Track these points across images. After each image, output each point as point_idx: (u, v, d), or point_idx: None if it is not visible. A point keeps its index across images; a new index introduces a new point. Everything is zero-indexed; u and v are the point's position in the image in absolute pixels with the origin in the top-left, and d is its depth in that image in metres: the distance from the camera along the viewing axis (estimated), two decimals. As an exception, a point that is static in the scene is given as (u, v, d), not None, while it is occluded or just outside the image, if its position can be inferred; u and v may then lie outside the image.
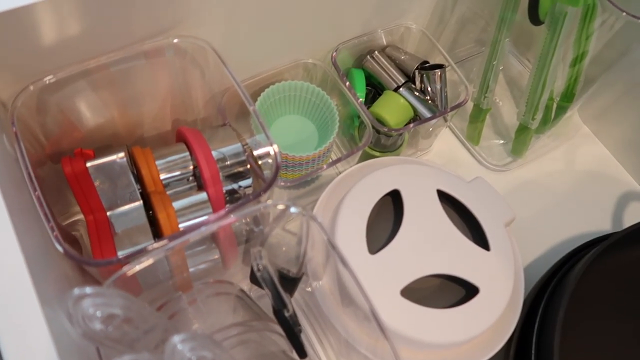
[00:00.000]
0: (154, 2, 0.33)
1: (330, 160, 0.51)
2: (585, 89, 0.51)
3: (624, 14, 0.37)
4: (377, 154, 0.49)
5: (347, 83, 0.46)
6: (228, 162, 0.39)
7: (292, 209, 0.30)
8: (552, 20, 0.44)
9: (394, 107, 0.46)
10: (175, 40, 0.35)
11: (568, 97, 0.51)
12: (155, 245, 0.29)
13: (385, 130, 0.45)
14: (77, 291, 0.23)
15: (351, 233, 0.39)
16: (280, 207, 0.30)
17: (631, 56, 0.49)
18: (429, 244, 0.40)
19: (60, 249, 0.26)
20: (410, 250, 0.39)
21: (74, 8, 0.30)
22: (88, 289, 0.23)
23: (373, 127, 0.44)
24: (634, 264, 0.45)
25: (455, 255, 0.40)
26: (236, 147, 0.39)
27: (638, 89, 0.53)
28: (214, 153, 0.38)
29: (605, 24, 0.45)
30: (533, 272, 0.47)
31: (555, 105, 0.52)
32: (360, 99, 0.45)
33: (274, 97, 0.46)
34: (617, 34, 0.45)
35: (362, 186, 0.42)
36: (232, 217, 0.31)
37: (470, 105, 0.54)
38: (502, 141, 0.57)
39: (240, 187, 0.40)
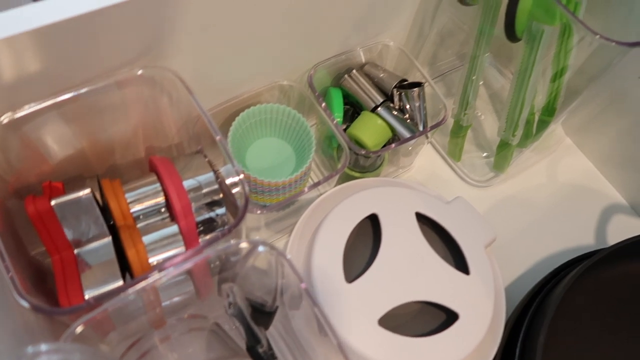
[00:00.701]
0: (119, 35, 0.33)
1: (310, 183, 0.50)
2: (567, 103, 0.50)
3: (598, 36, 0.36)
4: (357, 174, 0.48)
5: (323, 104, 0.45)
6: (200, 192, 0.38)
7: (260, 248, 0.29)
8: (529, 38, 0.44)
9: (371, 129, 0.45)
10: (140, 72, 0.34)
11: (549, 111, 0.50)
12: (122, 292, 0.28)
13: (363, 153, 0.44)
14: (30, 349, 0.22)
15: (328, 261, 0.39)
16: (247, 245, 0.29)
17: (613, 69, 0.48)
18: (407, 270, 0.39)
19: (24, 304, 0.25)
20: (388, 278, 0.39)
21: (33, 46, 0.29)
22: (43, 347, 0.22)
23: (351, 149, 0.43)
24: (617, 282, 0.45)
25: (434, 281, 0.39)
26: (208, 176, 0.38)
27: (621, 101, 0.53)
28: (185, 183, 0.38)
29: (584, 40, 0.44)
30: (516, 291, 0.46)
31: (536, 120, 0.51)
32: (336, 120, 0.44)
33: (249, 121, 0.45)
34: (598, 49, 0.45)
35: (339, 211, 0.41)
36: (201, 256, 0.30)
37: (451, 120, 0.54)
38: (485, 154, 0.57)
39: (217, 215, 0.40)
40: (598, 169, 0.57)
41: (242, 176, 0.33)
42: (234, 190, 0.37)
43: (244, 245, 0.29)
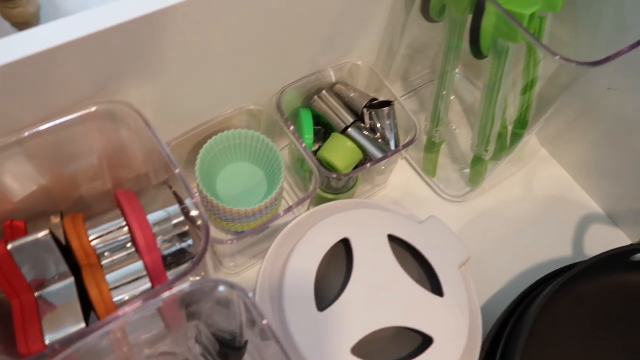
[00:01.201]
0: (73, 73, 0.32)
1: (285, 206, 0.50)
2: (540, 114, 0.50)
3: (557, 57, 0.36)
4: (330, 196, 0.48)
5: (292, 127, 0.44)
6: (166, 225, 0.38)
7: (221, 288, 0.29)
8: (495, 54, 0.44)
9: (341, 151, 0.45)
10: (94, 108, 0.34)
11: (521, 124, 0.50)
12: (84, 335, 0.28)
13: (334, 176, 0.44)
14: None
15: (299, 290, 0.38)
16: (208, 285, 0.29)
17: (583, 79, 0.48)
18: (379, 295, 0.39)
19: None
20: (360, 304, 0.38)
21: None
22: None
23: (321, 172, 0.43)
24: (594, 296, 0.45)
25: (407, 305, 0.39)
26: (174, 208, 0.38)
27: (592, 111, 0.53)
28: (150, 217, 0.37)
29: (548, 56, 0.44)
30: (494, 309, 0.46)
31: (509, 133, 0.51)
32: (305, 144, 0.44)
33: (218, 147, 0.45)
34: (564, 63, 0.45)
35: (309, 238, 0.41)
36: (162, 298, 0.30)
37: (425, 136, 0.53)
38: (460, 168, 0.57)
39: (185, 247, 0.39)
40: (574, 179, 0.57)
41: (203, 214, 0.32)
42: (199, 223, 0.37)
43: (204, 285, 0.29)
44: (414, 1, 0.46)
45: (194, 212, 0.35)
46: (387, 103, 0.48)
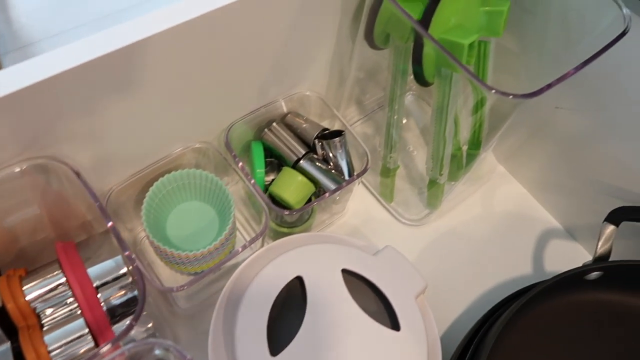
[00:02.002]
0: (6, 127, 0.31)
1: (241, 244, 0.49)
2: (494, 131, 0.50)
3: (493, 91, 0.36)
4: (286, 230, 0.47)
5: (240, 164, 0.44)
6: (111, 276, 0.36)
7: (157, 351, 0.27)
8: (441, 81, 0.44)
9: (292, 186, 0.44)
10: (17, 170, 0.32)
11: (475, 144, 0.50)
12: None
13: (286, 213, 0.43)
14: None
15: (252, 334, 0.37)
16: (144, 348, 0.28)
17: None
18: (334, 334, 0.38)
19: None
20: (315, 345, 0.37)
21: None
22: None
23: (272, 209, 0.42)
24: (550, 317, 0.45)
25: (362, 343, 0.38)
26: (116, 260, 0.36)
27: (544, 128, 0.53)
28: (92, 270, 0.36)
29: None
30: (455, 336, 0.46)
31: (464, 154, 0.51)
32: (253, 181, 0.43)
33: (165, 189, 0.43)
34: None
35: (262, 278, 0.40)
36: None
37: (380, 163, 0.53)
38: (419, 188, 0.56)
39: (129, 299, 0.38)
40: (532, 195, 0.57)
41: (134, 265, 0.31)
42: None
43: (141, 347, 0.28)
44: (357, 30, 0.46)
45: (130, 267, 0.34)
46: (339, 133, 0.48)
